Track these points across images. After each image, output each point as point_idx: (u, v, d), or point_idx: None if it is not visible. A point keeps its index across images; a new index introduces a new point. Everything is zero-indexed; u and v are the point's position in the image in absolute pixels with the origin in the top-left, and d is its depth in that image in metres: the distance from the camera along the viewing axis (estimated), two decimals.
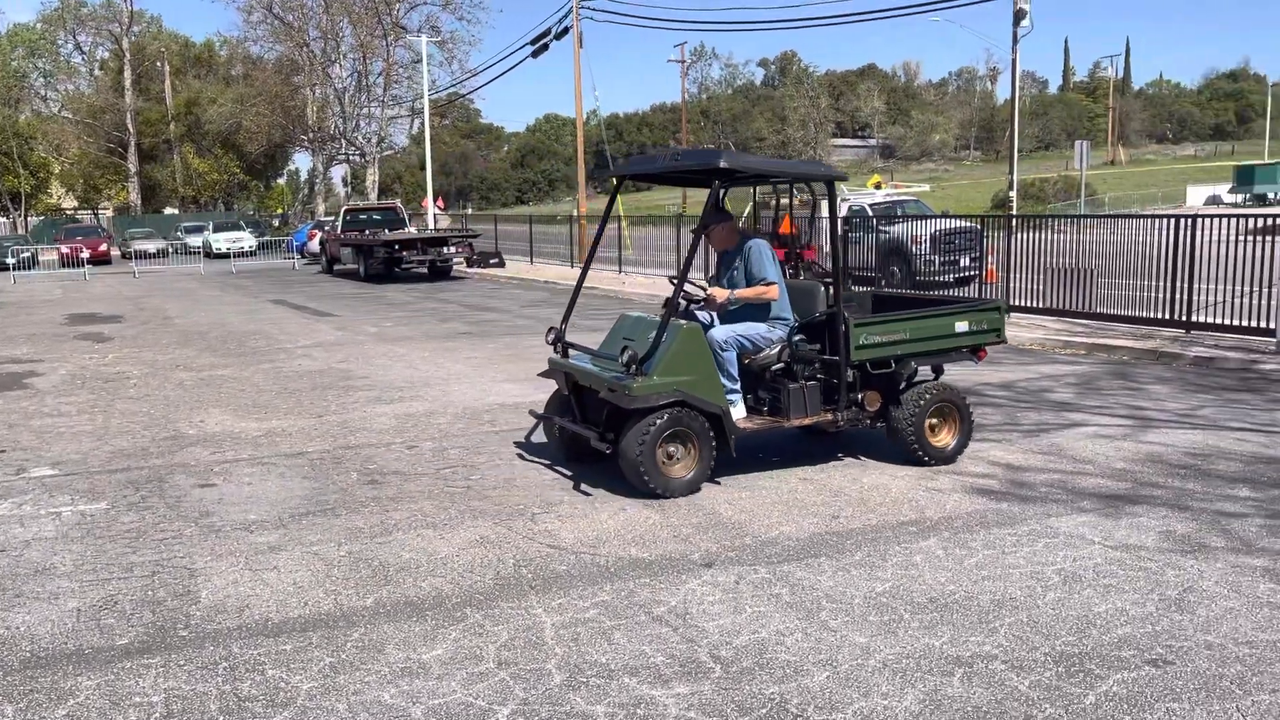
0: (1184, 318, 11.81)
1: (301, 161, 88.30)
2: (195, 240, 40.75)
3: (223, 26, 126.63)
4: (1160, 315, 12.11)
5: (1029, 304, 13.78)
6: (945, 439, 6.54)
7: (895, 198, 21.57)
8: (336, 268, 29.17)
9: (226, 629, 4.10)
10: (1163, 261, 12.06)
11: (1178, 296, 11.87)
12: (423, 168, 40.92)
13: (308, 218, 48.90)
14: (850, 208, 20.23)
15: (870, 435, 7.18)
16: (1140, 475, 6.13)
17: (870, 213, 18.78)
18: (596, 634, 3.98)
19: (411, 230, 28.95)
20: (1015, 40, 30.21)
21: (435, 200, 38.91)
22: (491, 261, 29.82)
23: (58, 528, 5.48)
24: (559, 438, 6.77)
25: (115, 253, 39.96)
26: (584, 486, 6.15)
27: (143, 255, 34.37)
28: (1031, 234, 14.64)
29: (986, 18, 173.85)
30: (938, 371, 7.04)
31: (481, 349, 12.54)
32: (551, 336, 6.81)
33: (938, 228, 16.96)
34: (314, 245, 33.82)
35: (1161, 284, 12.10)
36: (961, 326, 6.59)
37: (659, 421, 5.73)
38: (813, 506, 5.66)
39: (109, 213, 61.02)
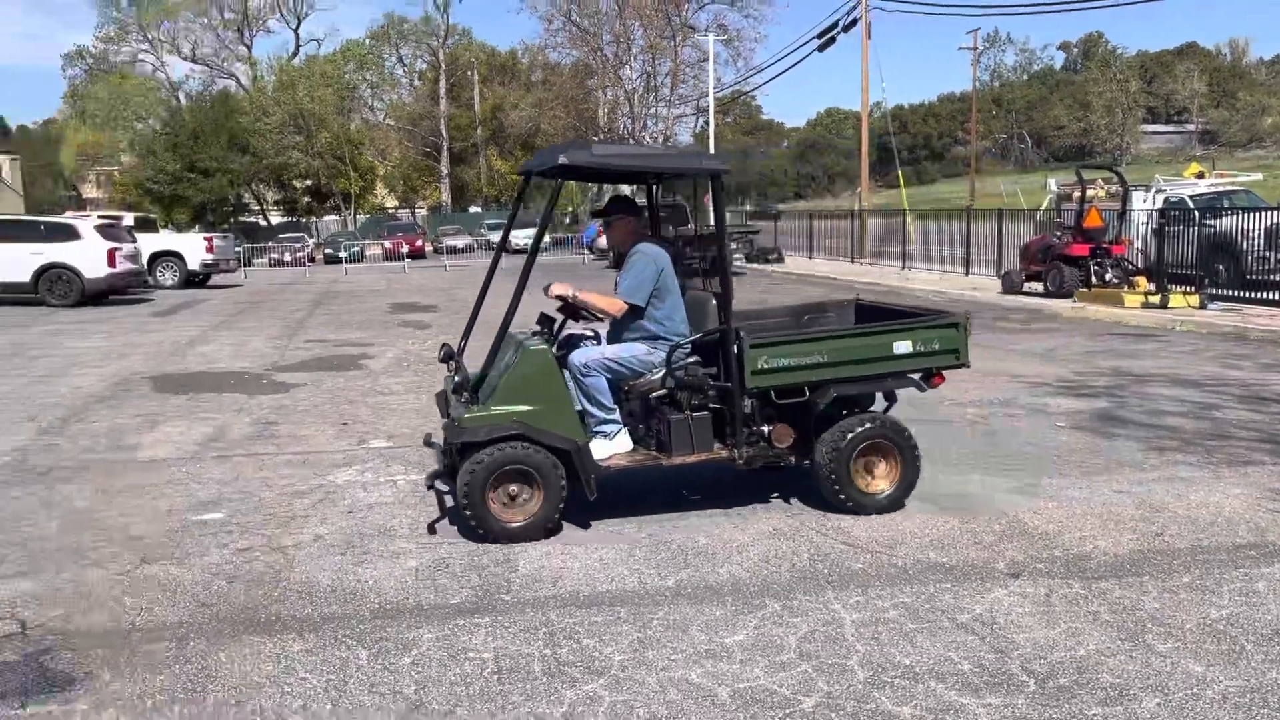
0: None
1: None
2: (497, 236, 43.83)
3: (526, 35, 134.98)
4: None
5: None
6: (879, 484, 5.47)
7: (1221, 188, 19.49)
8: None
9: (543, 597, 4.40)
10: None
11: None
12: None
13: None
14: (1167, 199, 18.58)
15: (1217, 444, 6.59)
16: None
17: (1191, 204, 17.14)
18: (898, 635, 3.92)
19: (694, 227, 29.55)
20: None
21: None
22: (770, 257, 29.90)
23: (395, 494, 6.09)
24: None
25: (428, 248, 43.69)
26: None
27: (452, 250, 37.43)
28: None
29: None
30: (890, 400, 5.99)
31: None
32: (442, 354, 5.71)
33: (1275, 221, 15.19)
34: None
35: None
36: (902, 347, 5.44)
37: (487, 458, 4.98)
38: (1131, 521, 5.26)
39: (423, 211, 66.77)
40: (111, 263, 20.03)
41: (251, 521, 5.55)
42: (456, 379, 5.34)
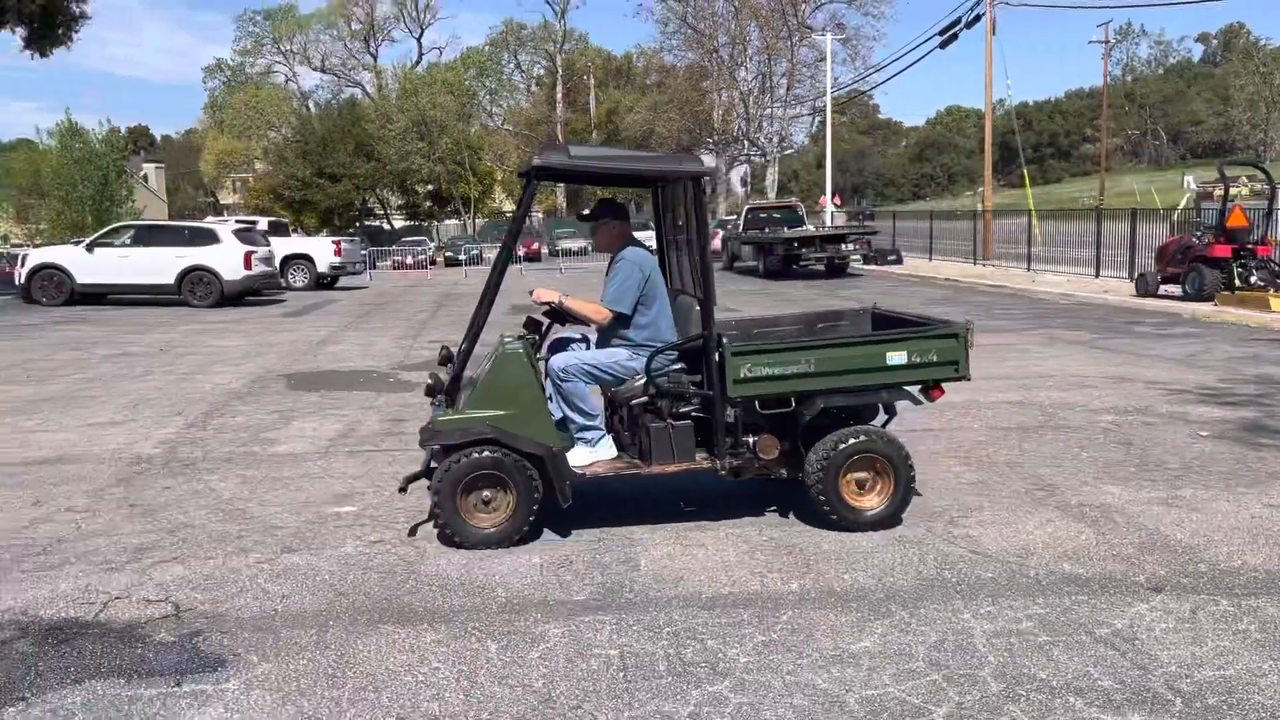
0: None
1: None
2: None
3: (641, 39, 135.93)
4: None
5: None
6: (870, 500, 5.25)
7: None
8: (737, 265, 30.28)
9: (666, 597, 4.42)
10: None
11: None
12: (819, 166, 41.23)
13: (709, 217, 51.21)
14: None
15: None
16: None
17: None
18: (1032, 648, 3.80)
19: (810, 228, 29.29)
20: None
21: (833, 197, 39.05)
22: (889, 258, 29.39)
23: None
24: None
25: (544, 251, 44.45)
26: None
27: (567, 253, 38.00)
28: None
29: None
30: (889, 413, 5.73)
31: None
32: (441, 355, 5.66)
33: None
34: (716, 243, 35.31)
35: None
36: (897, 358, 5.17)
37: (461, 462, 4.96)
38: None
39: (539, 215, 67.88)
40: (248, 265, 21.00)
41: (383, 515, 5.74)
42: (430, 381, 5.33)
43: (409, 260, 38.59)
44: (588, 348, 5.63)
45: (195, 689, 3.63)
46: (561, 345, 5.71)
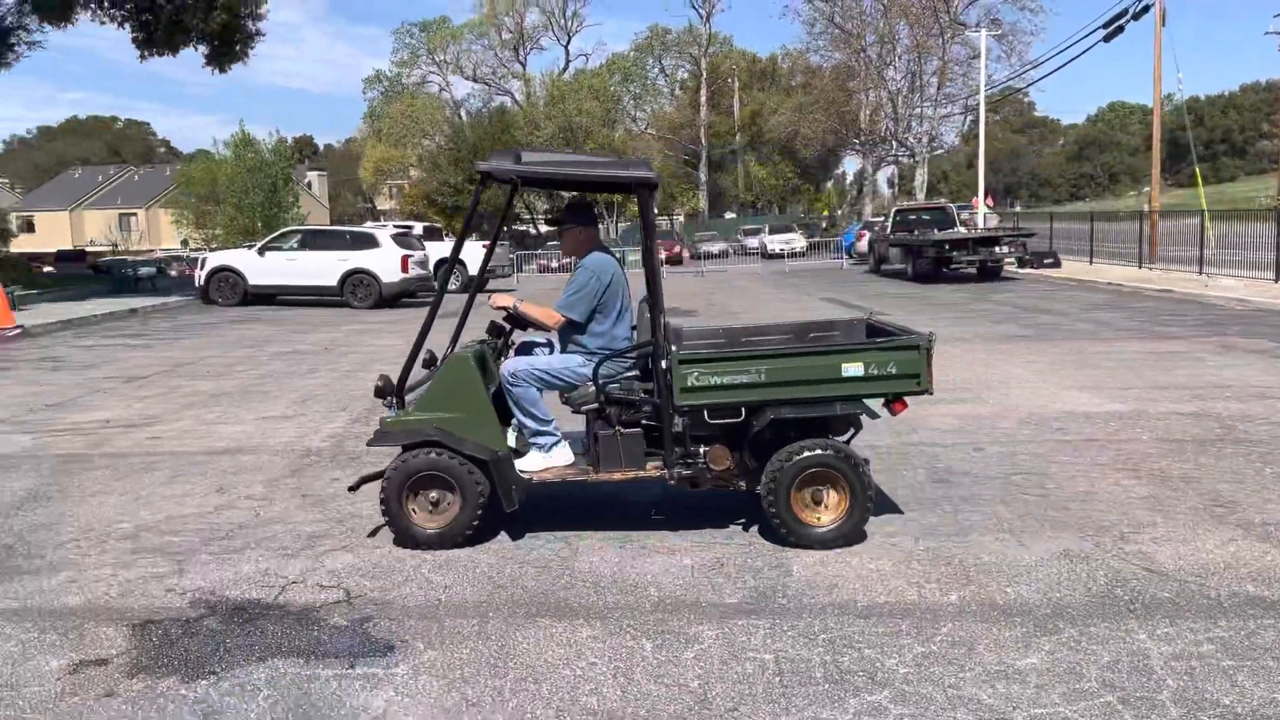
0: None
1: (848, 164, 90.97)
2: (752, 242, 44.08)
3: (787, 40, 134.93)
4: None
5: None
6: (822, 515, 5.06)
7: None
8: (884, 267, 29.64)
9: (819, 604, 4.37)
10: None
11: None
12: (970, 166, 39.97)
13: (854, 219, 50.36)
14: None
15: None
16: None
17: None
18: (1215, 672, 3.59)
19: (962, 230, 28.40)
20: None
21: (985, 198, 37.80)
22: (1046, 261, 28.20)
23: (663, 490, 6.23)
24: None
25: (685, 254, 44.60)
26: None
27: (708, 256, 38.07)
28: None
29: None
30: (855, 427, 5.47)
31: (1042, 353, 11.92)
32: (425, 358, 5.69)
33: None
34: (862, 245, 34.68)
35: None
36: (852, 370, 4.95)
37: (407, 463, 5.07)
38: None
39: (680, 218, 68.22)
40: (405, 268, 21.86)
41: (538, 511, 5.88)
42: (378, 383, 5.36)
43: (554, 264, 39.40)
44: (551, 352, 5.68)
45: (367, 672, 3.81)
46: (527, 350, 5.77)
